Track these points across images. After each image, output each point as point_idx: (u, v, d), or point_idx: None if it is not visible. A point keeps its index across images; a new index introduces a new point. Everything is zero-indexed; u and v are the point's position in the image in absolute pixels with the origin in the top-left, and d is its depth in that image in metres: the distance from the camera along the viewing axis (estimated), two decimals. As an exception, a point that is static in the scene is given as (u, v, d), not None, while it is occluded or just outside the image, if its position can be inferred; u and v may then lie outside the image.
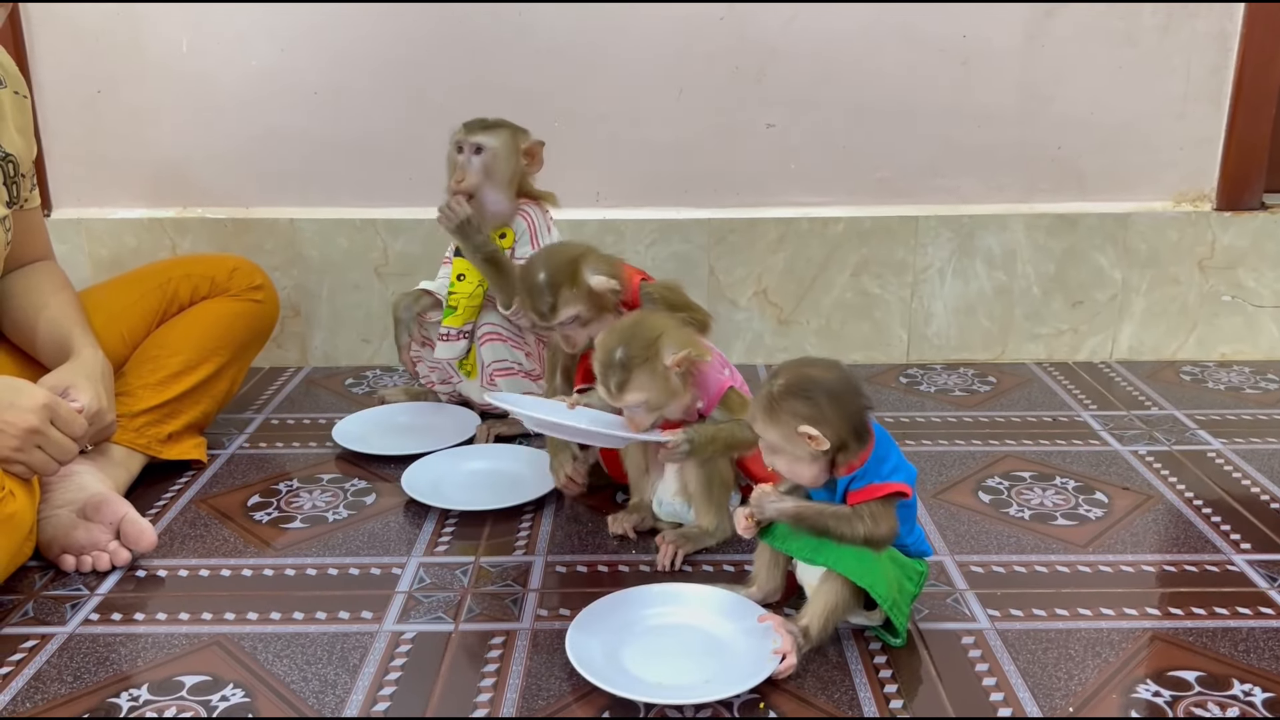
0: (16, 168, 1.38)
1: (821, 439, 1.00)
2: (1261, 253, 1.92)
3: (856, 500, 1.02)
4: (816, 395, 1.01)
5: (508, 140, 1.55)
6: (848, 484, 1.03)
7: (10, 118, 1.39)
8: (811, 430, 1.00)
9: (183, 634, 1.12)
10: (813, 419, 1.00)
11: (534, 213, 1.60)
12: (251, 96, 1.87)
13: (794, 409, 1.01)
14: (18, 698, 1.01)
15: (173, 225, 1.91)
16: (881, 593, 1.03)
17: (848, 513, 1.02)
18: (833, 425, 1.00)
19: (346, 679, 1.04)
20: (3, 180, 1.35)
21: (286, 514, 1.39)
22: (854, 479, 1.03)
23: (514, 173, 1.56)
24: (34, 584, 1.22)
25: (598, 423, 1.27)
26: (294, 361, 1.98)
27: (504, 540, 1.32)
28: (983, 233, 1.91)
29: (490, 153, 1.53)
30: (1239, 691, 1.00)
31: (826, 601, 1.04)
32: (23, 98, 1.43)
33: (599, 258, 1.34)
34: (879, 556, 1.04)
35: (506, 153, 1.54)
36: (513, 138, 1.55)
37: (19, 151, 1.39)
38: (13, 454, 1.15)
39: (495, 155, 1.54)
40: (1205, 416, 1.69)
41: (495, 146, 1.53)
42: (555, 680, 1.03)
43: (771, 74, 1.86)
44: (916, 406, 1.75)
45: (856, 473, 1.03)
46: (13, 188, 1.37)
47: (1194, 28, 1.84)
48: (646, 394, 1.18)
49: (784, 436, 1.02)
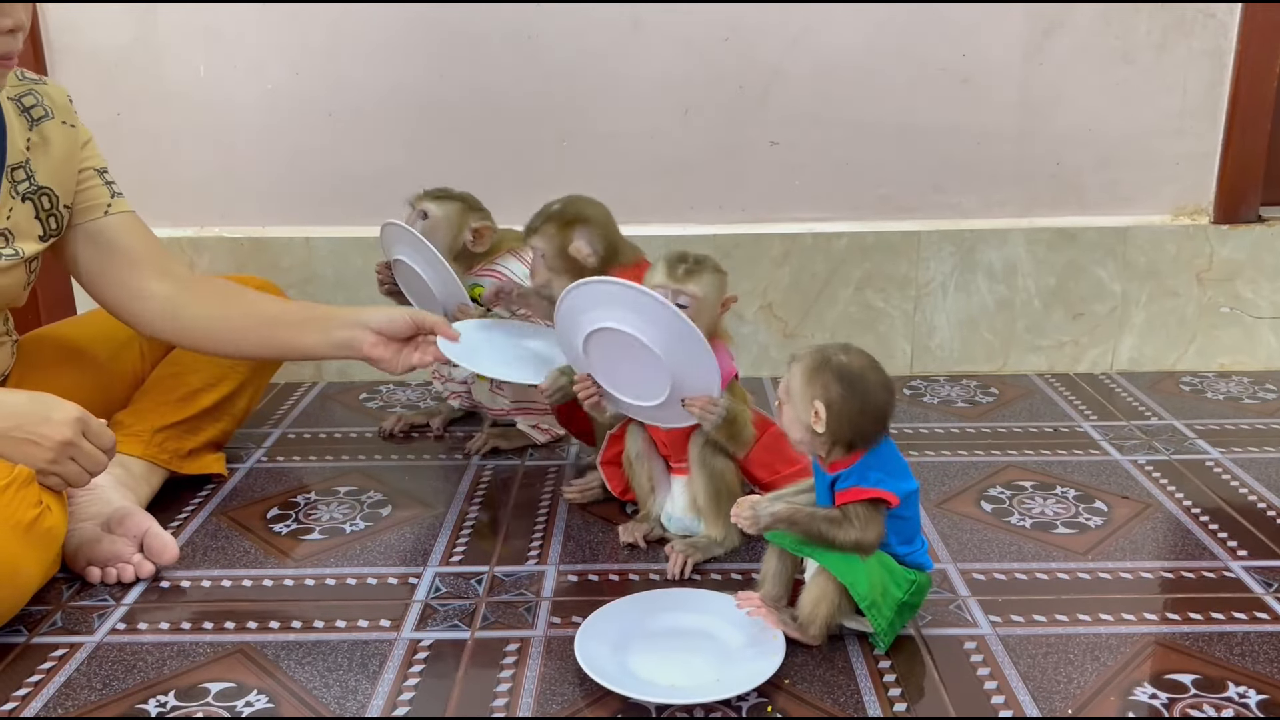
0: (54, 200, 1.36)
1: (821, 422, 1.04)
2: (1259, 265, 1.95)
3: (842, 500, 1.06)
4: (854, 396, 1.05)
5: (451, 214, 1.59)
6: (832, 482, 1.07)
7: (55, 150, 1.36)
8: (822, 411, 1.04)
9: (207, 642, 1.15)
10: (830, 406, 1.04)
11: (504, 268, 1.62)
12: (267, 119, 1.91)
13: (827, 385, 1.04)
14: (50, 704, 1.05)
15: (191, 244, 1.95)
16: (861, 591, 1.06)
17: (837, 515, 1.06)
18: (841, 426, 1.05)
19: (367, 685, 1.07)
20: (34, 214, 1.34)
21: (305, 525, 1.43)
22: (839, 478, 1.07)
23: (452, 244, 1.59)
24: (62, 595, 1.25)
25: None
26: (309, 377, 2.02)
27: (517, 550, 1.35)
28: (984, 247, 1.94)
29: (431, 222, 1.58)
30: (1234, 694, 1.03)
31: (816, 594, 1.08)
32: (70, 127, 1.39)
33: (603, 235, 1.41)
34: (866, 560, 1.07)
35: (446, 226, 1.58)
36: (460, 214, 1.59)
37: (58, 185, 1.36)
38: (48, 465, 1.18)
39: (435, 225, 1.57)
40: (1204, 426, 1.72)
41: (440, 216, 1.58)
42: (568, 685, 1.06)
43: (775, 93, 1.90)
44: (920, 418, 1.78)
45: (842, 473, 1.07)
46: (49, 221, 1.36)
47: (1190, 45, 1.88)
48: (705, 293, 1.23)
49: (803, 395, 1.06)
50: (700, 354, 1.20)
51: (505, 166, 1.90)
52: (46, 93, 1.38)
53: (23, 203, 1.33)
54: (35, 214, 1.35)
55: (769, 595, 1.14)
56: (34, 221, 1.35)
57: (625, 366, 1.25)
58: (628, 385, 1.27)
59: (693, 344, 1.20)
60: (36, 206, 1.35)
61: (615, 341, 1.23)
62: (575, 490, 1.49)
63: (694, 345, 1.20)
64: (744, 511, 1.07)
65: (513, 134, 1.92)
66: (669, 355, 1.21)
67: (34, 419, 1.18)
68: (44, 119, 1.36)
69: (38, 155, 1.34)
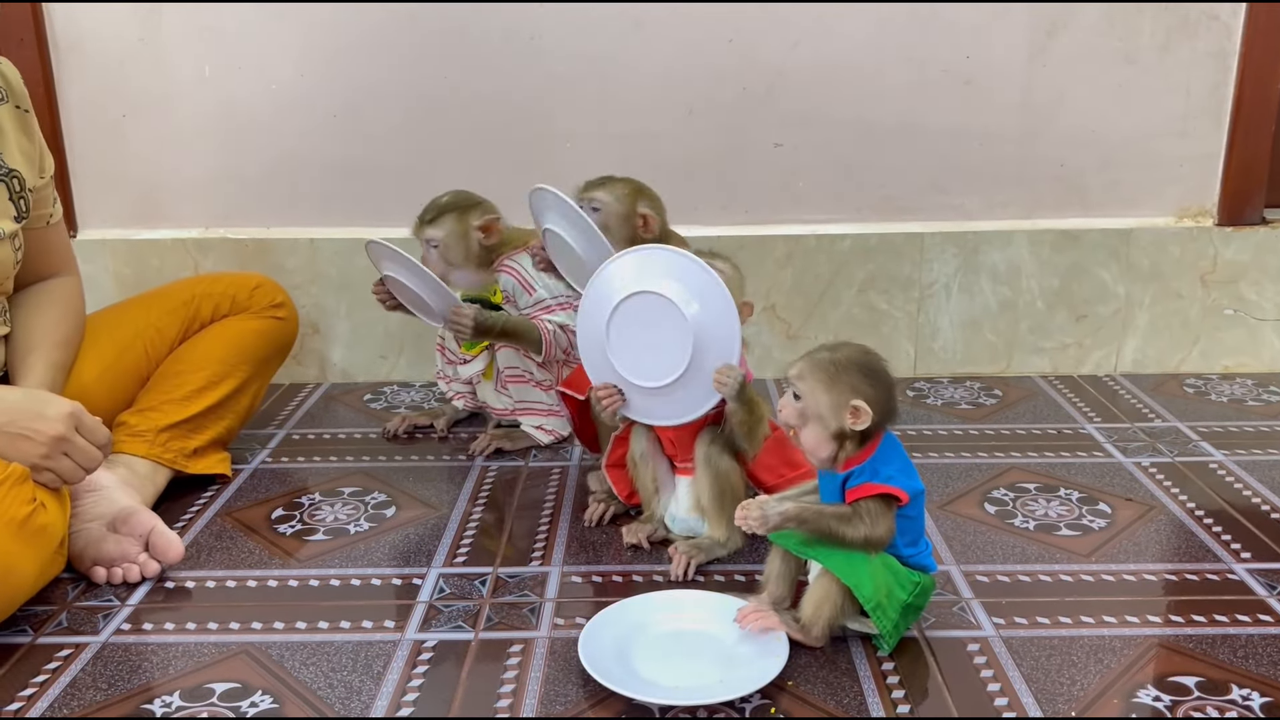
0: (22, 184, 1.37)
1: (867, 415, 1.04)
2: (1263, 267, 1.95)
3: (854, 496, 1.06)
4: (878, 381, 1.06)
5: (453, 227, 1.61)
6: (844, 480, 1.07)
7: (11, 134, 1.38)
8: (864, 406, 1.04)
9: (211, 643, 1.15)
10: (869, 399, 1.05)
11: (515, 264, 1.64)
12: (271, 120, 1.92)
13: (855, 383, 1.05)
14: (55, 704, 1.05)
15: (195, 245, 1.95)
16: (866, 593, 1.06)
17: (848, 512, 1.05)
18: (878, 412, 1.05)
19: (371, 686, 1.07)
20: (8, 196, 1.35)
21: (310, 526, 1.43)
22: (851, 475, 1.07)
23: (469, 251, 1.62)
24: (67, 595, 1.26)
25: None
26: (313, 378, 2.03)
27: (521, 551, 1.35)
28: (987, 249, 1.94)
29: (441, 245, 1.60)
30: (1237, 696, 1.03)
31: (819, 596, 1.08)
32: (25, 112, 1.40)
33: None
34: (869, 559, 1.07)
35: (454, 239, 1.61)
36: (459, 222, 1.61)
37: (23, 167, 1.38)
38: (41, 461, 1.19)
39: (446, 245, 1.60)
40: (1208, 428, 1.72)
41: (442, 237, 1.60)
42: (572, 686, 1.06)
43: (778, 94, 1.90)
44: (924, 420, 1.79)
45: (854, 470, 1.06)
46: (19, 203, 1.36)
47: (1194, 47, 1.88)
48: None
49: (832, 405, 1.06)
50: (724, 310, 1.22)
51: (509, 167, 1.91)
52: (0, 72, 1.38)
53: None
54: (9, 197, 1.35)
55: (772, 596, 1.15)
56: (7, 203, 1.35)
57: (646, 340, 1.27)
58: (648, 362, 1.28)
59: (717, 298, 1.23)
60: (9, 189, 1.35)
61: (640, 313, 1.26)
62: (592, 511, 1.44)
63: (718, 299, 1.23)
64: (752, 512, 1.06)
65: (517, 134, 1.92)
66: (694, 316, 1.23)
67: (27, 414, 1.19)
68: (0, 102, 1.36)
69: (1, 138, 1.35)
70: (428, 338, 1.87)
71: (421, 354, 1.98)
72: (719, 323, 1.23)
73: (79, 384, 1.43)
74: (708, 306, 1.24)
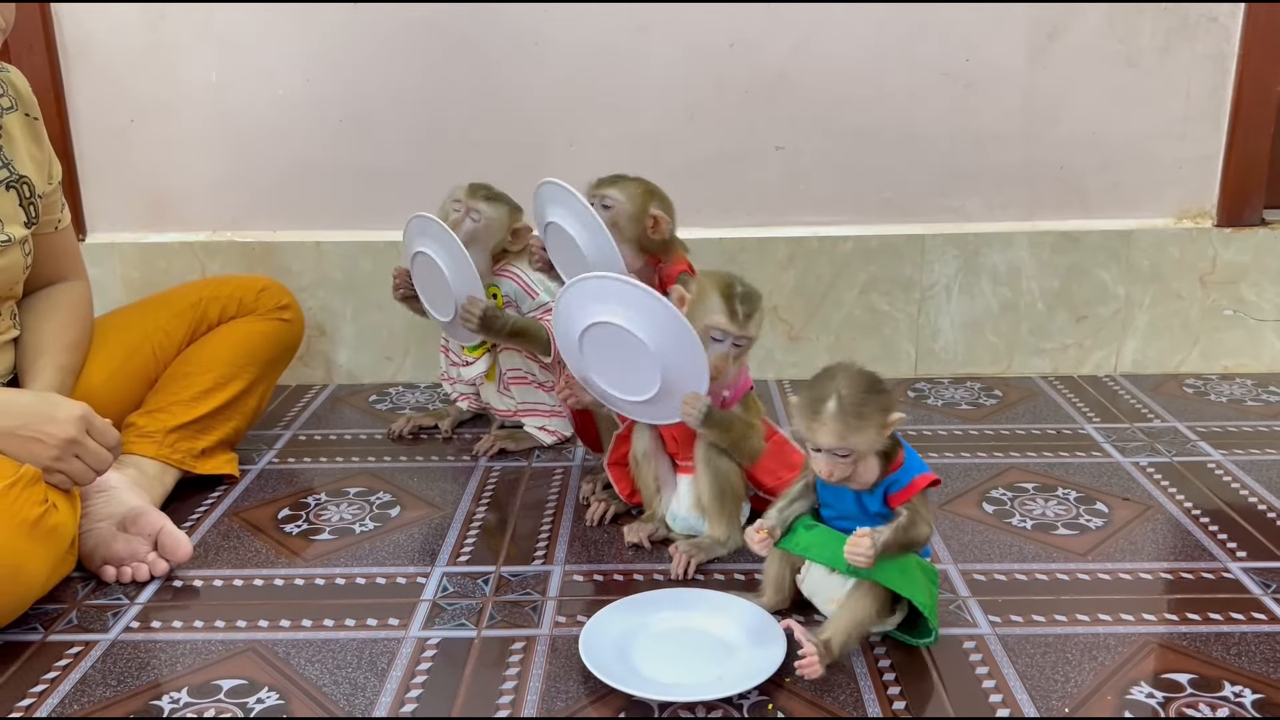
0: (32, 190, 1.39)
1: (898, 417, 1.05)
2: (1262, 268, 1.96)
3: (902, 499, 1.06)
4: (877, 383, 1.06)
5: (503, 216, 1.62)
6: (886, 487, 1.07)
7: (21, 141, 1.40)
8: (896, 414, 1.05)
9: (219, 640, 1.17)
10: (889, 405, 1.05)
11: (516, 269, 1.66)
12: (278, 125, 1.94)
13: (877, 404, 1.04)
14: (65, 700, 1.07)
15: (203, 249, 1.97)
16: (922, 600, 1.06)
17: (909, 517, 1.05)
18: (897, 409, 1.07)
19: (375, 683, 1.09)
20: (19, 202, 1.37)
21: (316, 526, 1.45)
22: (893, 481, 1.07)
23: (498, 245, 1.64)
24: (77, 594, 1.28)
25: None
26: (319, 379, 2.05)
27: (524, 550, 1.37)
28: (988, 250, 1.95)
29: (485, 221, 1.61)
30: (1230, 693, 1.05)
31: (853, 616, 1.07)
32: (34, 120, 1.43)
33: (663, 215, 1.52)
34: (913, 564, 1.07)
35: (498, 227, 1.62)
36: (509, 215, 1.63)
37: (33, 174, 1.40)
38: (53, 463, 1.21)
39: (489, 226, 1.61)
40: (1206, 429, 1.73)
41: (492, 217, 1.61)
42: (573, 683, 1.08)
43: (780, 98, 1.92)
44: (924, 420, 1.80)
45: (896, 474, 1.07)
46: (29, 209, 1.38)
47: (1193, 49, 1.89)
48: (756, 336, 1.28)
49: (870, 437, 1.04)
50: (689, 346, 1.23)
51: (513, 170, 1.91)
52: (10, 81, 1.40)
53: (6, 191, 1.35)
54: (19, 202, 1.37)
55: (770, 602, 1.16)
56: (18, 209, 1.37)
57: (618, 362, 1.28)
58: (622, 381, 1.30)
59: (682, 336, 1.23)
60: (19, 195, 1.37)
61: (609, 337, 1.27)
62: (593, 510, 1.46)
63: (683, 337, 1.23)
64: (864, 553, 1.02)
65: (521, 138, 1.93)
66: (659, 348, 1.24)
67: (39, 417, 1.21)
68: (10, 110, 1.38)
69: (8, 145, 1.37)
70: (433, 340, 1.89)
71: (426, 356, 2.00)
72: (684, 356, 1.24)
73: (88, 386, 1.44)
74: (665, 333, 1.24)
